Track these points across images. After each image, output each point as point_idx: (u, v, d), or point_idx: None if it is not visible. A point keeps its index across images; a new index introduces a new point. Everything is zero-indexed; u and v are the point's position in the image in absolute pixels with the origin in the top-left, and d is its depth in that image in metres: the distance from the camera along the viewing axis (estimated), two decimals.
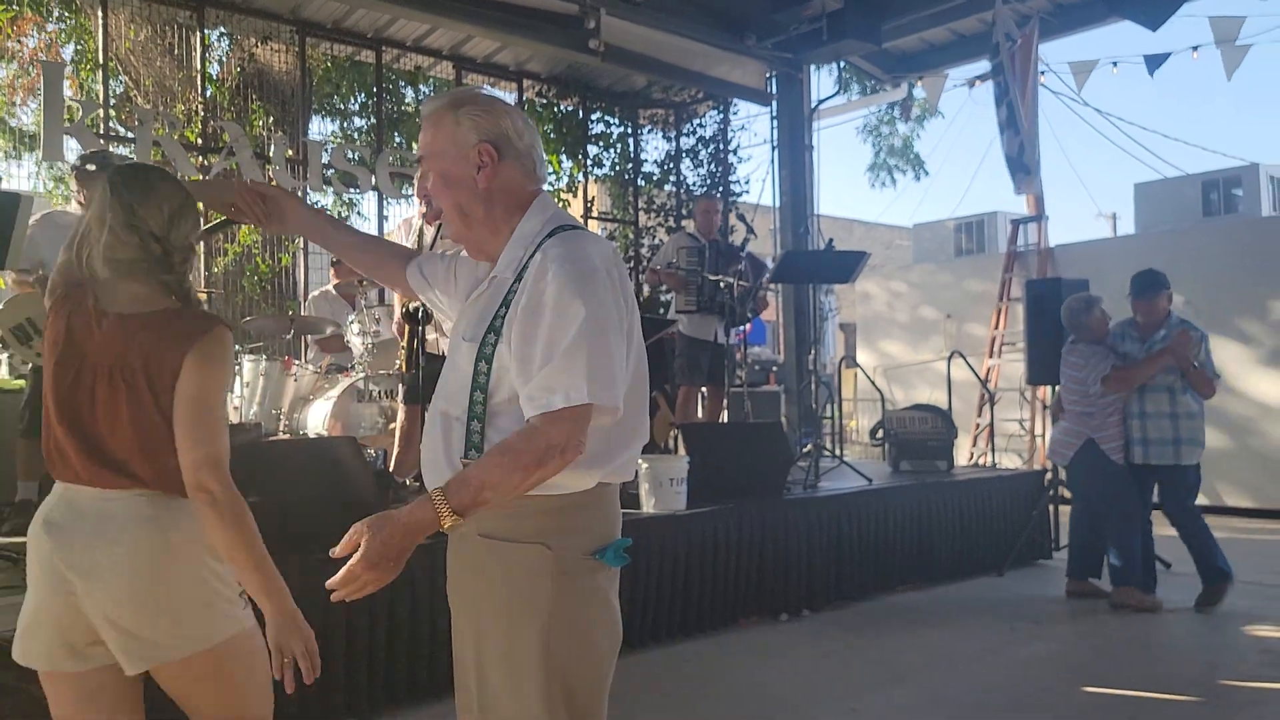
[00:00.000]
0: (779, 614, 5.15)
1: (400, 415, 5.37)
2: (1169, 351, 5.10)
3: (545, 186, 1.88)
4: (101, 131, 7.16)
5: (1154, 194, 10.41)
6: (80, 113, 7.10)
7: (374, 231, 8.49)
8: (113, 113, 7.63)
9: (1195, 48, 8.89)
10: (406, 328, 4.97)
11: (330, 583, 1.63)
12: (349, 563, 1.62)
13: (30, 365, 4.50)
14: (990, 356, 10.16)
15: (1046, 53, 9.71)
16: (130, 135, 7.34)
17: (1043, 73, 9.51)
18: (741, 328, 7.09)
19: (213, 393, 1.93)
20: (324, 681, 3.38)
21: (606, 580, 1.76)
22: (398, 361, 5.30)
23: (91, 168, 4.71)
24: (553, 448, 1.60)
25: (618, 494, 1.83)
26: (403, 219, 5.77)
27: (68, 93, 8.24)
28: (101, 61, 7.58)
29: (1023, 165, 8.63)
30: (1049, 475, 6.71)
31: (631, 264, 10.14)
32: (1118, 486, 5.24)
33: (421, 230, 5.29)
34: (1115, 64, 9.69)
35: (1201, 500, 8.87)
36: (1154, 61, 8.85)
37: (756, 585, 5.09)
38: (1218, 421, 8.89)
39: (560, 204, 9.69)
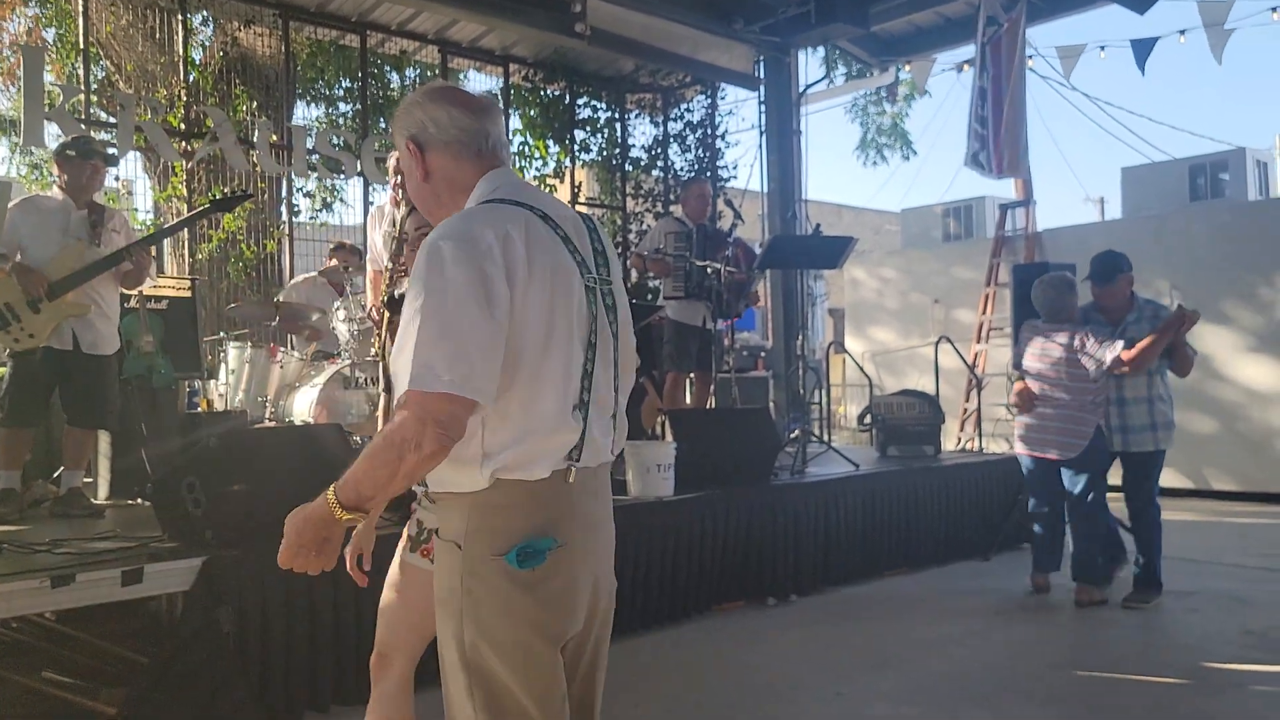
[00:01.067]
0: (766, 599, 5.17)
1: (381, 402, 5.35)
2: (1170, 326, 4.95)
3: (531, 169, 1.88)
4: (83, 117, 7.09)
5: (1141, 178, 10.43)
6: (61, 98, 7.03)
7: (359, 218, 8.46)
8: (94, 98, 7.55)
9: (1182, 32, 8.90)
10: (386, 314, 4.95)
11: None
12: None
13: (8, 351, 4.45)
14: (978, 342, 10.18)
15: (1034, 37, 9.71)
16: (112, 120, 7.27)
17: (1030, 57, 9.51)
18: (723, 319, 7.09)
19: None
20: (287, 675, 3.39)
21: (532, 582, 1.67)
22: (373, 348, 5.28)
23: (72, 153, 4.66)
24: (407, 441, 1.55)
25: (563, 491, 1.71)
26: (375, 207, 5.74)
27: (49, 78, 8.15)
28: (82, 46, 7.49)
29: (986, 155, 8.62)
30: None
31: (620, 249, 10.12)
32: (1104, 476, 5.13)
33: (394, 216, 5.27)
34: (1103, 48, 9.71)
35: (1186, 484, 9.03)
36: (1141, 49, 8.85)
37: (744, 570, 5.10)
38: (1204, 405, 8.96)
39: (548, 189, 9.71)
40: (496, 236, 1.63)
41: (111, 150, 5.52)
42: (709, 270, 6.40)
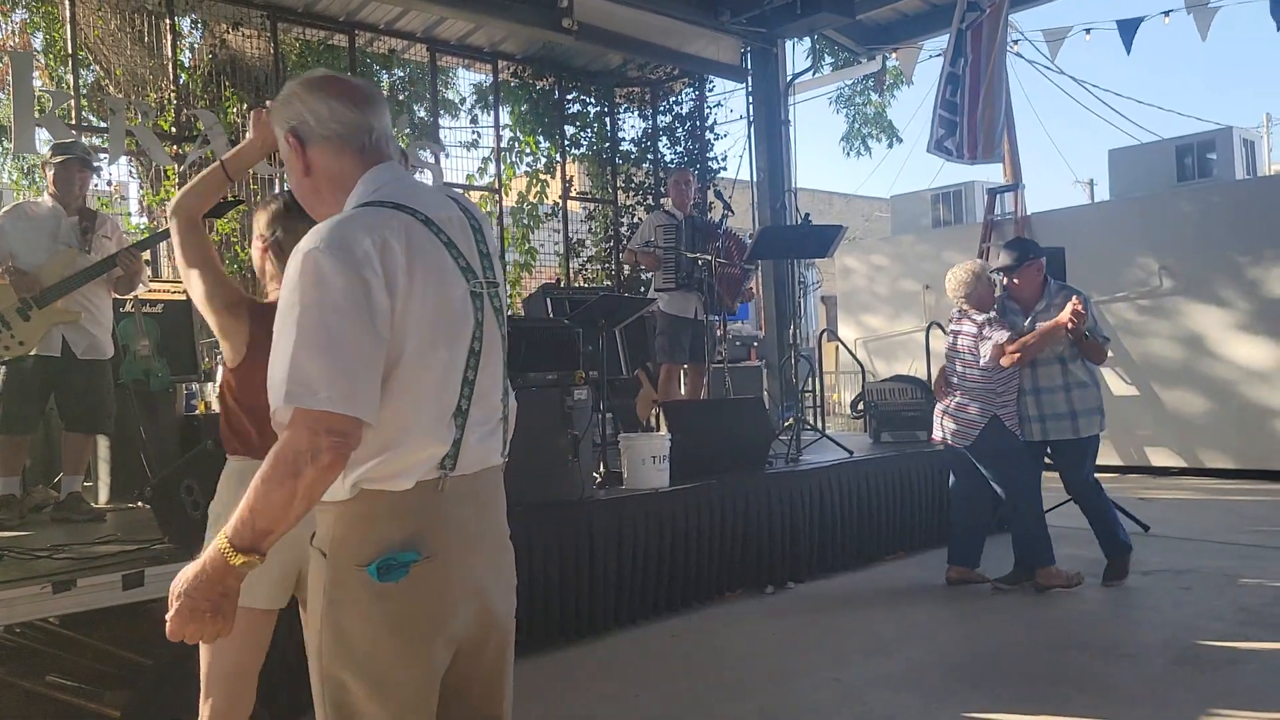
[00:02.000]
0: (764, 587, 5.21)
1: None
2: (1058, 322, 4.77)
3: (522, 165, 1.83)
4: (73, 122, 7.09)
5: (1128, 160, 10.45)
6: (51, 103, 7.03)
7: None
8: (84, 103, 7.55)
9: (1167, 12, 8.93)
10: None
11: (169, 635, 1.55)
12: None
13: (2, 358, 4.46)
14: None
15: (1019, 21, 9.74)
16: (103, 125, 7.27)
17: (1016, 41, 9.53)
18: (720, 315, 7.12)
19: None
20: (289, 673, 3.42)
21: (394, 595, 1.58)
22: None
23: (54, 156, 4.67)
24: (301, 454, 1.46)
25: (433, 502, 1.62)
26: None
27: (38, 83, 8.15)
28: (71, 51, 7.49)
29: (943, 148, 8.62)
30: None
31: (611, 243, 10.14)
32: (1024, 465, 5.01)
33: None
34: (1088, 31, 9.73)
35: (1179, 462, 9.08)
36: (1127, 29, 8.88)
37: (741, 559, 5.14)
38: (1195, 384, 9.02)
39: (539, 185, 9.73)
40: (375, 244, 1.54)
41: (97, 160, 5.50)
42: (699, 262, 6.42)
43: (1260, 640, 4.08)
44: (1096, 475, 5.16)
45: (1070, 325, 4.73)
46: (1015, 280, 5.05)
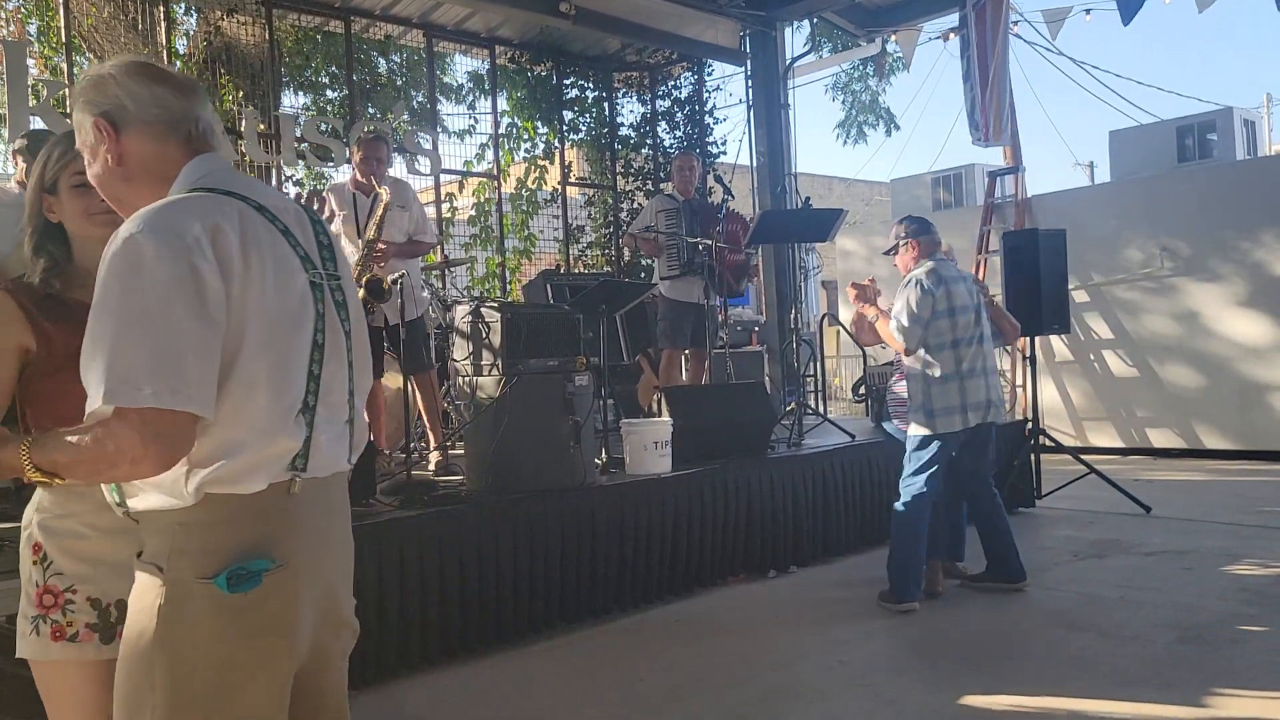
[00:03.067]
0: (766, 571, 5.21)
1: None
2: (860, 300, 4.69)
3: (520, 151, 1.77)
4: (67, 111, 7.06)
5: (1128, 141, 10.41)
6: (46, 92, 6.99)
7: None
8: None
9: None
10: (362, 295, 4.98)
11: None
12: None
13: None
14: None
15: (1020, 2, 9.68)
16: None
17: (1016, 22, 9.49)
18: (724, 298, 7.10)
19: None
20: None
21: (245, 608, 1.49)
22: None
23: (20, 144, 4.61)
24: (123, 453, 1.38)
25: (284, 505, 1.54)
26: (331, 185, 5.75)
27: (32, 71, 8.10)
28: (65, 39, 7.45)
29: (974, 122, 8.67)
30: (1030, 425, 6.78)
31: (611, 229, 10.11)
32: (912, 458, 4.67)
33: (355, 199, 5.29)
34: (1088, 11, 9.69)
35: (1180, 443, 9.09)
36: (1128, 7, 8.82)
37: (745, 544, 5.14)
38: (1198, 365, 9.02)
39: (538, 171, 9.69)
40: (205, 228, 1.45)
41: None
42: (700, 247, 6.41)
43: (1262, 621, 4.08)
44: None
45: (857, 302, 4.68)
46: (895, 263, 4.86)
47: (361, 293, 5.01)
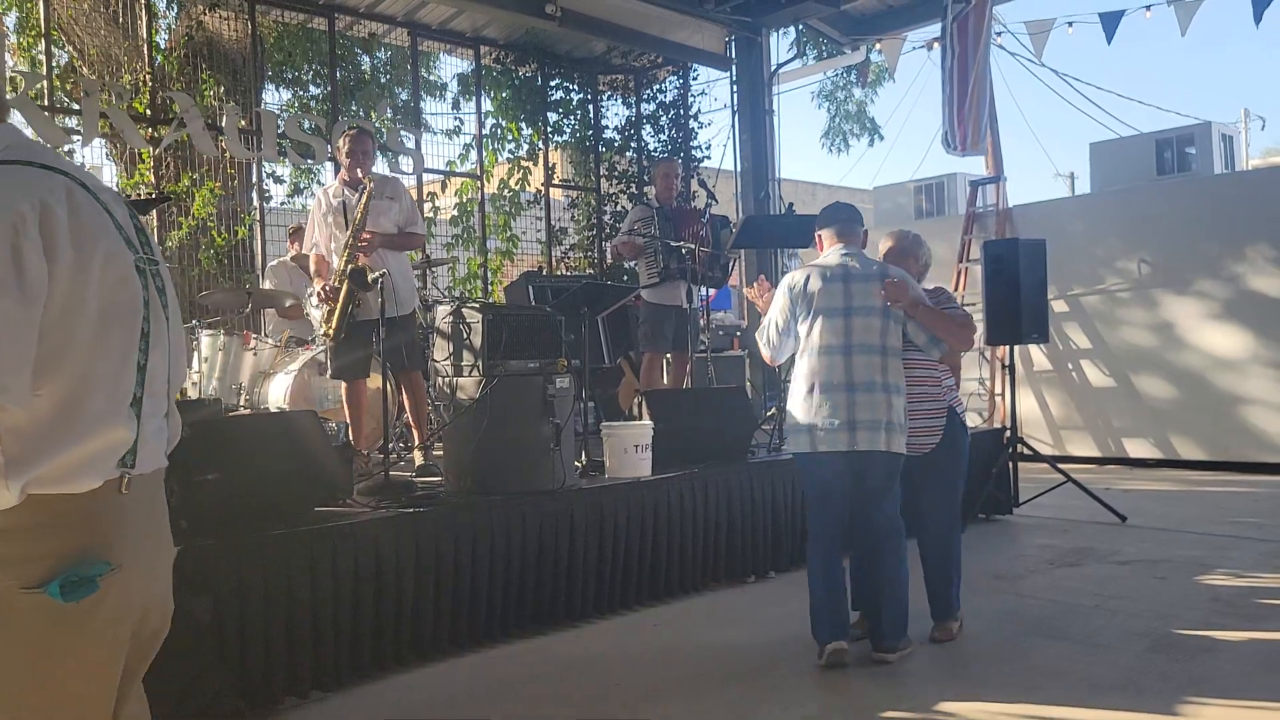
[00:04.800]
0: (746, 576, 5.21)
1: (343, 390, 5.35)
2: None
3: (505, 152, 1.71)
4: (46, 104, 6.99)
5: (1109, 153, 10.49)
6: (24, 84, 6.92)
7: None
8: (57, 83, 7.43)
9: (1148, 6, 8.96)
10: (345, 285, 4.93)
11: None
12: None
13: None
14: None
15: (1003, 14, 9.76)
16: (76, 107, 7.17)
17: (999, 34, 9.56)
18: (708, 292, 7.10)
19: None
20: (266, 662, 3.40)
21: (79, 617, 1.39)
22: (322, 327, 5.26)
23: None
24: None
25: (116, 504, 1.44)
26: (320, 190, 5.73)
27: (10, 62, 8.02)
28: (44, 30, 7.37)
29: (951, 131, 8.76)
30: (1008, 433, 6.81)
31: (594, 232, 10.10)
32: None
33: (344, 194, 5.26)
34: (1070, 24, 9.76)
35: (1156, 453, 9.16)
36: (1110, 22, 8.92)
37: (726, 549, 5.14)
38: (1174, 376, 9.09)
39: (521, 172, 9.67)
40: (33, 207, 1.34)
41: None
42: (683, 251, 6.40)
43: (1234, 629, 4.11)
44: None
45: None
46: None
47: (345, 282, 4.97)
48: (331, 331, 5.07)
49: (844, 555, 3.95)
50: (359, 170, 5.22)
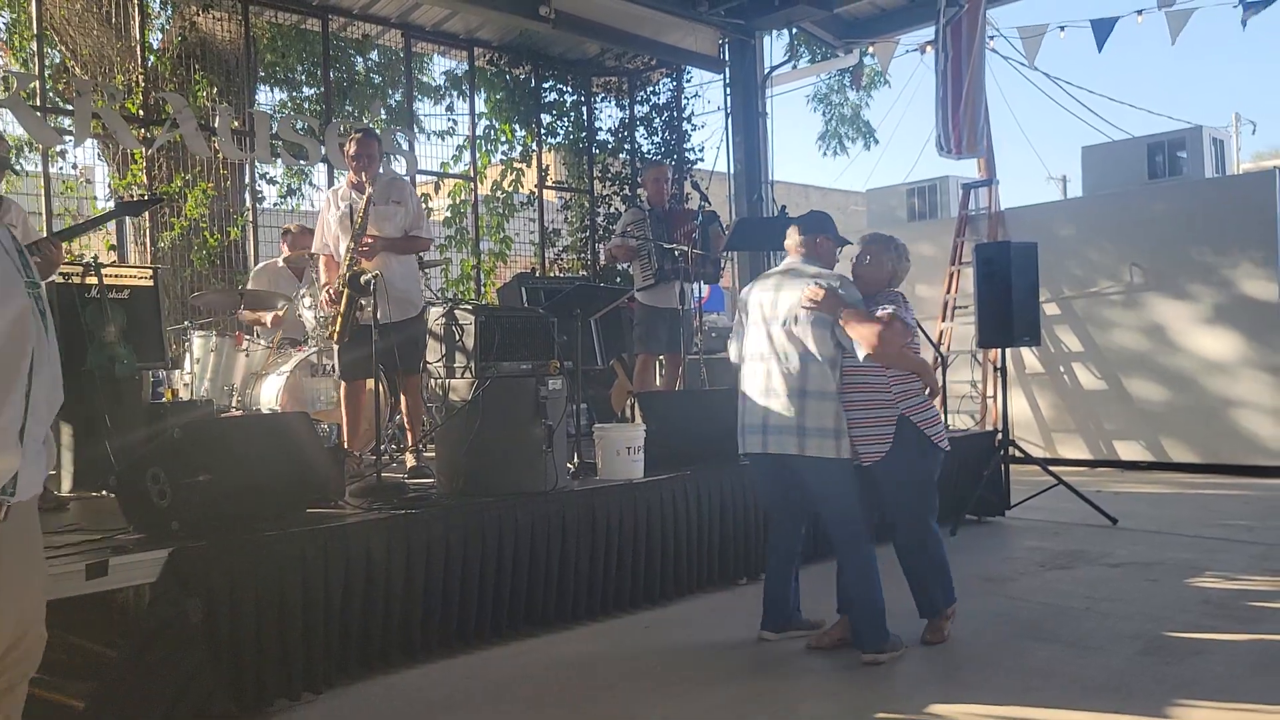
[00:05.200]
0: (738, 578, 5.21)
1: (342, 390, 5.35)
2: None
3: (498, 153, 1.72)
4: (39, 104, 6.97)
5: (1100, 157, 10.53)
6: (16, 84, 6.89)
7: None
8: (50, 83, 7.41)
9: (1139, 11, 9.00)
10: (345, 292, 4.93)
11: None
12: None
13: None
14: (943, 320, 10.29)
15: (996, 18, 9.79)
16: (69, 107, 7.15)
17: (992, 37, 9.58)
18: (701, 293, 7.09)
19: None
20: (258, 664, 3.39)
21: None
22: (326, 330, 5.26)
23: None
24: None
25: (3, 530, 1.44)
26: (329, 191, 5.72)
27: (1, 62, 7.99)
28: (36, 30, 7.35)
29: (945, 135, 8.81)
30: (999, 436, 6.83)
31: (587, 234, 10.10)
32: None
33: (351, 199, 5.25)
34: (1063, 29, 9.79)
35: (1147, 456, 9.18)
36: (1101, 29, 8.96)
37: (719, 551, 5.13)
38: (1165, 379, 9.12)
39: (514, 173, 9.66)
40: None
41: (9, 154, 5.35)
42: (676, 253, 6.40)
43: (1225, 632, 4.12)
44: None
45: None
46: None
47: (345, 288, 4.97)
48: (334, 336, 5.07)
49: (791, 553, 4.22)
50: (363, 174, 5.22)
